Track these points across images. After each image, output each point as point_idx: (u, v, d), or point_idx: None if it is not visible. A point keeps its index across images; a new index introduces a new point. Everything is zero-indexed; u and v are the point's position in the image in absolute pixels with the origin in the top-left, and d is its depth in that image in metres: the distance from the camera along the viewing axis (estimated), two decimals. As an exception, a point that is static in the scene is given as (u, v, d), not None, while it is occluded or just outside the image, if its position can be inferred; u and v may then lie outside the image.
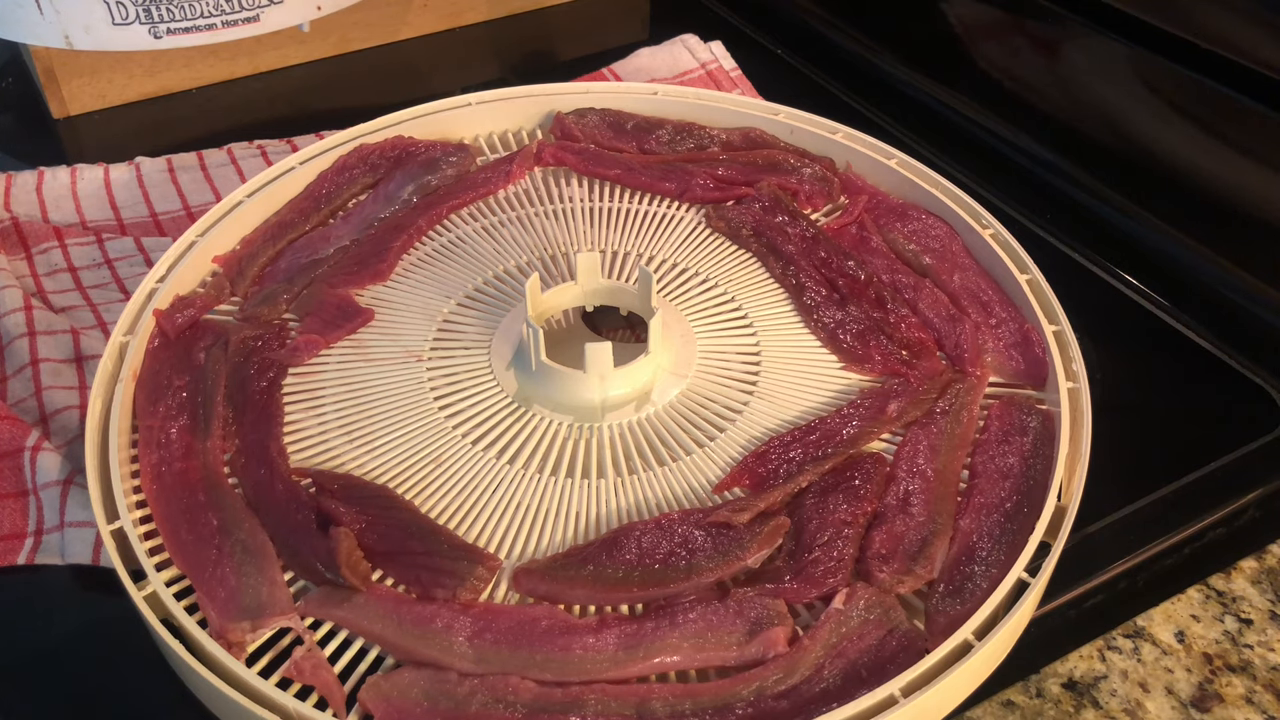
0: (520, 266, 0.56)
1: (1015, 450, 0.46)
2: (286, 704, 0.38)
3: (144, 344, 0.51)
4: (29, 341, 0.53)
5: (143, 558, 0.42)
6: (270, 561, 0.42)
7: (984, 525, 0.43)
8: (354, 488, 0.45)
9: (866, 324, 0.52)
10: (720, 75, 0.75)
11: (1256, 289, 0.59)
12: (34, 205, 0.64)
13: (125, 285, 0.60)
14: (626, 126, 0.64)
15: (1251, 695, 0.41)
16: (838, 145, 0.62)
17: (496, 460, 0.47)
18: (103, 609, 0.45)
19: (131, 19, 0.67)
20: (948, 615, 0.40)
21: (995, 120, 0.72)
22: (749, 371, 0.51)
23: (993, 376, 0.50)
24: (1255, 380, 0.55)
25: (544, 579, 0.42)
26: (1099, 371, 0.49)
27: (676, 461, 0.47)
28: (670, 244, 0.58)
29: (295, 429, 0.48)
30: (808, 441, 0.47)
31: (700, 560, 0.42)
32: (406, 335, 0.52)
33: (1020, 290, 0.52)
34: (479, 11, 0.85)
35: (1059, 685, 0.42)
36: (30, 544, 0.46)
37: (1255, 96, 0.57)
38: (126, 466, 0.46)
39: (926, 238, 0.56)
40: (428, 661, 0.40)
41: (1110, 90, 0.65)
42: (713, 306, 0.54)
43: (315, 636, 0.41)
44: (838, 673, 0.39)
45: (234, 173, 0.67)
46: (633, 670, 0.39)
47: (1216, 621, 0.44)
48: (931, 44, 0.77)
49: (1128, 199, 0.65)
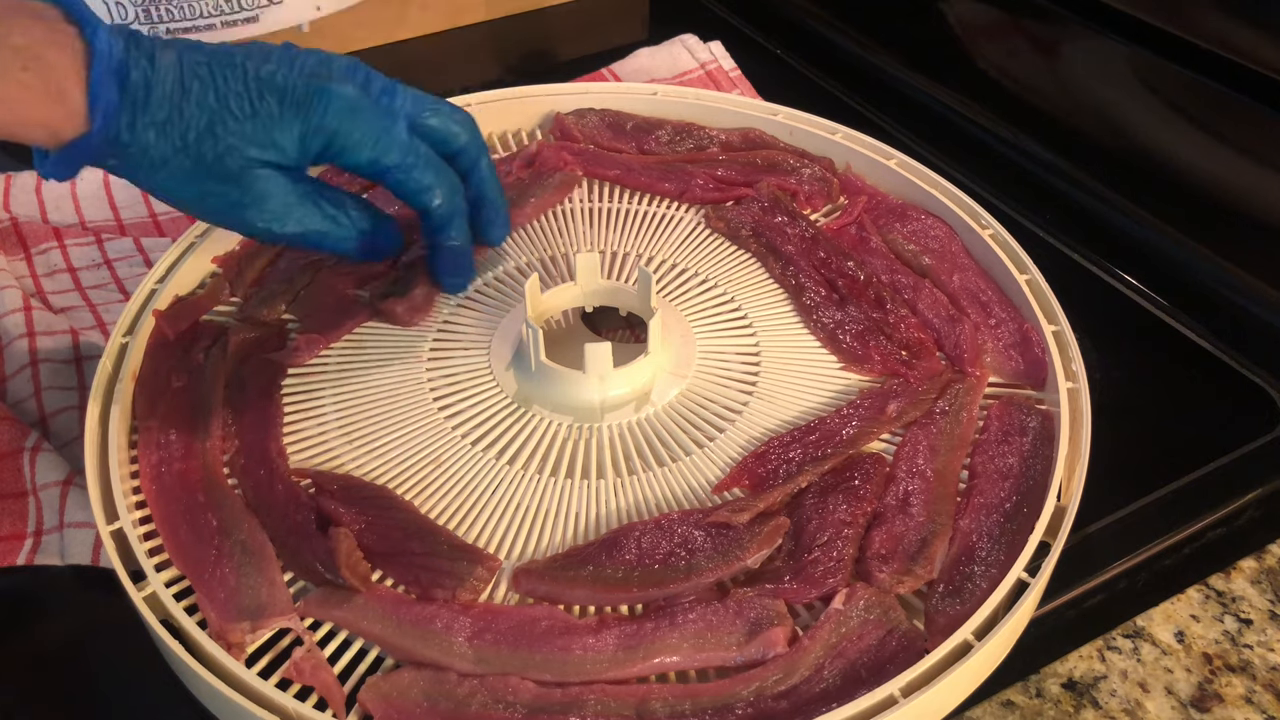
0: (520, 267, 0.56)
1: (1015, 450, 0.46)
2: (286, 704, 0.38)
3: (144, 344, 0.51)
4: (28, 342, 0.53)
5: (142, 558, 0.42)
6: (270, 562, 0.42)
7: (984, 525, 0.43)
8: (353, 488, 0.45)
9: (866, 324, 0.52)
10: (720, 75, 0.75)
11: (1256, 289, 0.59)
12: (33, 206, 0.64)
13: (125, 286, 0.60)
14: (626, 127, 0.64)
15: (1251, 695, 0.41)
16: (837, 146, 0.62)
17: (496, 461, 0.47)
18: (103, 609, 0.45)
19: (131, 19, 0.67)
20: (947, 615, 0.40)
21: (995, 120, 0.72)
22: (748, 372, 0.51)
23: (992, 376, 0.50)
24: (1255, 380, 0.55)
25: (544, 579, 0.42)
26: (1099, 371, 0.49)
27: (676, 462, 0.47)
28: (670, 244, 0.58)
29: (295, 429, 0.48)
30: (807, 442, 0.47)
31: (700, 560, 0.42)
32: (406, 335, 0.52)
33: (1019, 290, 0.52)
34: (479, 11, 0.85)
35: (1059, 685, 0.42)
36: (30, 544, 0.46)
37: (1255, 96, 0.57)
38: (126, 467, 0.46)
39: (926, 238, 0.56)
40: (427, 662, 0.40)
41: (1110, 90, 0.65)
42: (712, 307, 0.54)
43: (315, 637, 0.41)
44: (837, 673, 0.39)
45: (234, 173, 0.67)
46: (632, 670, 0.39)
47: (1216, 621, 0.44)
48: (931, 44, 0.77)
49: (1128, 199, 0.65)
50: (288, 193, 0.45)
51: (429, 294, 0.53)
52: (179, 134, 0.42)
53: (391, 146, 0.46)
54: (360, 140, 0.45)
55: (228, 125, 0.42)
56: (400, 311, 0.52)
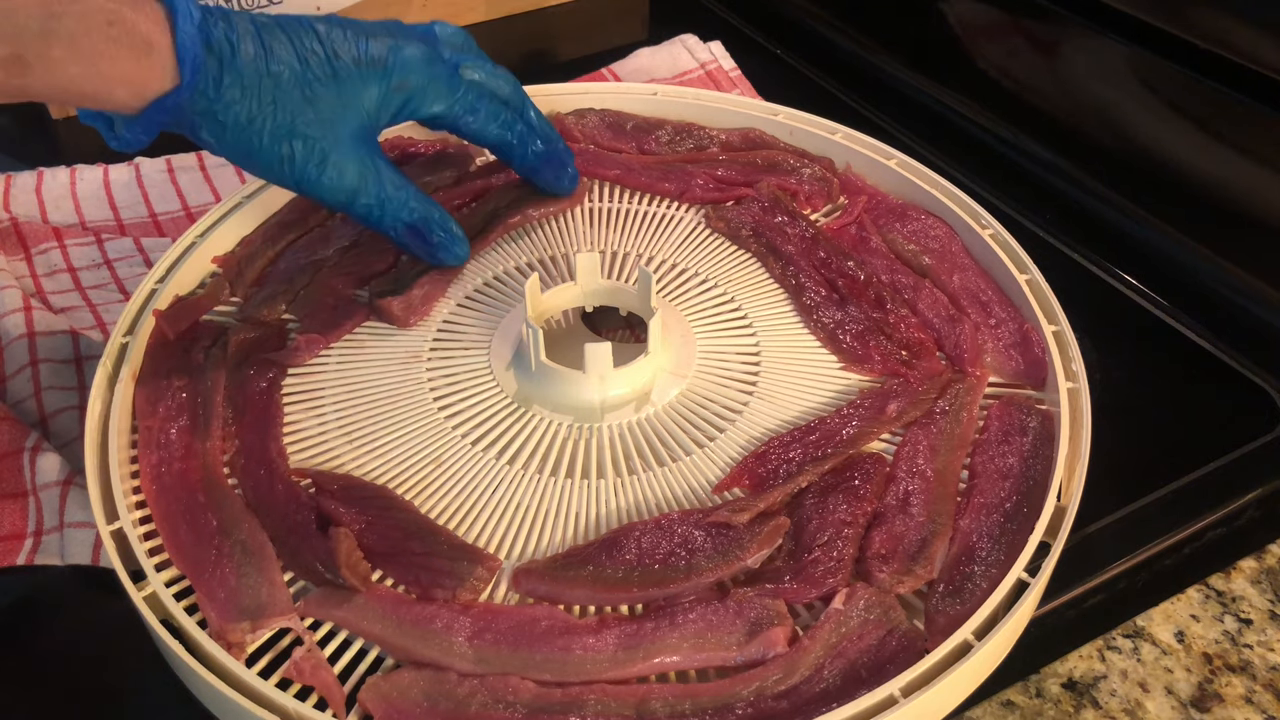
0: (520, 267, 0.56)
1: (1015, 450, 0.46)
2: (286, 704, 0.38)
3: (144, 344, 0.51)
4: (28, 342, 0.53)
5: (142, 558, 0.42)
6: (270, 562, 0.42)
7: (984, 525, 0.43)
8: (353, 488, 0.45)
9: (866, 324, 0.52)
10: (720, 75, 0.75)
11: (1256, 289, 0.59)
12: (33, 206, 0.64)
13: (125, 286, 0.60)
14: (626, 127, 0.64)
15: (1251, 695, 0.41)
16: (837, 145, 0.62)
17: (496, 460, 0.47)
18: (103, 609, 0.45)
19: (131, 19, 0.67)
20: (948, 615, 0.40)
21: (995, 120, 0.72)
22: (749, 371, 0.51)
23: (992, 376, 0.50)
24: (1255, 380, 0.55)
25: (544, 579, 0.42)
26: (1099, 371, 0.49)
27: (676, 462, 0.47)
28: (670, 244, 0.58)
29: (295, 429, 0.48)
30: (807, 442, 0.47)
31: (700, 560, 0.42)
32: (406, 335, 0.52)
33: (1020, 290, 0.52)
34: (479, 11, 0.85)
35: (1059, 685, 0.42)
36: (30, 544, 0.46)
37: (1255, 96, 0.57)
38: (126, 467, 0.46)
39: (926, 238, 0.56)
40: (427, 662, 0.39)
41: (1110, 90, 0.65)
42: (712, 307, 0.54)
43: (315, 637, 0.41)
44: (837, 673, 0.39)
45: (233, 173, 0.67)
46: (632, 670, 0.39)
47: (1216, 621, 0.44)
48: (931, 44, 0.77)
49: (1128, 199, 0.65)
50: (363, 156, 0.47)
51: (427, 294, 0.53)
52: (267, 91, 0.43)
53: (462, 94, 0.50)
54: (436, 94, 0.49)
55: (312, 88, 0.44)
56: (397, 311, 0.52)
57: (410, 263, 0.55)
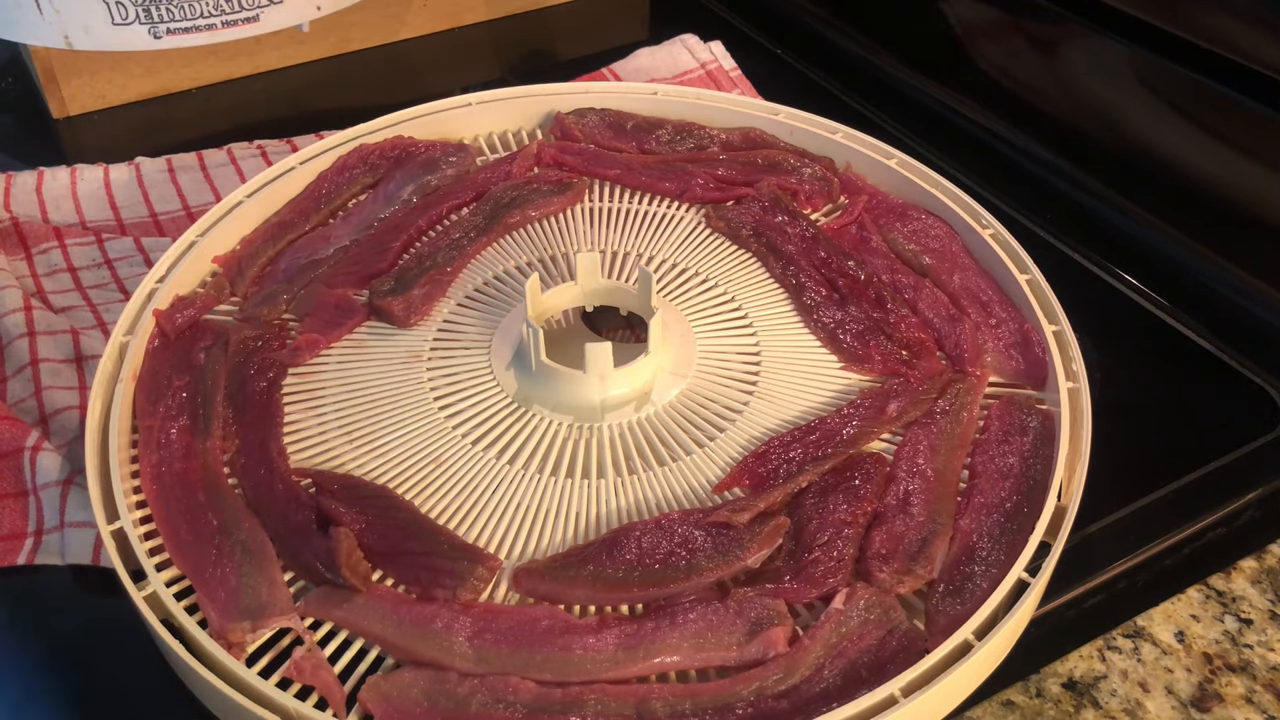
0: (520, 266, 0.56)
1: (1015, 450, 0.46)
2: (286, 704, 0.38)
3: (144, 344, 0.51)
4: (29, 342, 0.53)
5: (143, 558, 0.42)
6: (270, 562, 0.42)
7: (984, 525, 0.43)
8: (354, 488, 0.45)
9: (866, 324, 0.52)
10: (720, 75, 0.75)
11: (1256, 289, 0.59)
12: (34, 205, 0.64)
13: (125, 285, 0.60)
14: (626, 127, 0.64)
15: (1251, 695, 0.41)
16: (837, 145, 0.62)
17: (496, 460, 0.47)
18: (103, 609, 0.45)
19: (131, 19, 0.67)
20: (948, 615, 0.40)
21: (995, 120, 0.72)
22: (749, 371, 0.51)
23: (992, 376, 0.50)
24: (1255, 380, 0.55)
25: (544, 579, 0.42)
26: (1099, 371, 0.49)
27: (676, 461, 0.47)
28: (670, 244, 0.58)
29: (295, 429, 0.48)
30: (808, 441, 0.47)
31: (700, 560, 0.42)
32: (406, 335, 0.52)
33: (1020, 290, 0.52)
34: (479, 11, 0.85)
35: (1059, 685, 0.42)
36: (30, 544, 0.46)
37: (1255, 96, 0.57)
38: (126, 467, 0.46)
39: (926, 238, 0.56)
40: (428, 661, 0.39)
41: (1110, 90, 0.65)
42: (713, 306, 0.54)
43: (315, 636, 0.41)
44: (838, 673, 0.39)
45: (234, 173, 0.67)
46: (633, 670, 0.39)
47: (1216, 621, 0.44)
48: (931, 44, 0.77)
49: (1128, 199, 0.65)
50: None
51: (427, 293, 0.53)
52: None
53: None
54: None
55: None
56: (398, 310, 0.52)
57: (411, 262, 0.55)
